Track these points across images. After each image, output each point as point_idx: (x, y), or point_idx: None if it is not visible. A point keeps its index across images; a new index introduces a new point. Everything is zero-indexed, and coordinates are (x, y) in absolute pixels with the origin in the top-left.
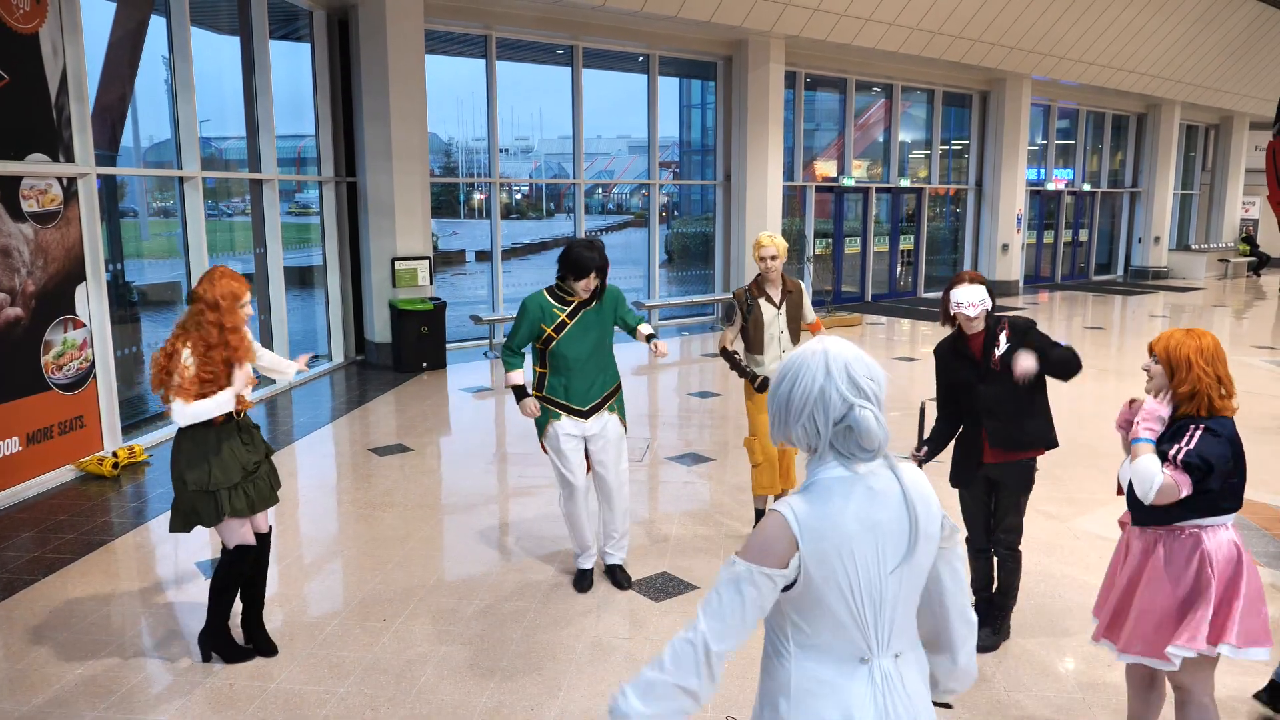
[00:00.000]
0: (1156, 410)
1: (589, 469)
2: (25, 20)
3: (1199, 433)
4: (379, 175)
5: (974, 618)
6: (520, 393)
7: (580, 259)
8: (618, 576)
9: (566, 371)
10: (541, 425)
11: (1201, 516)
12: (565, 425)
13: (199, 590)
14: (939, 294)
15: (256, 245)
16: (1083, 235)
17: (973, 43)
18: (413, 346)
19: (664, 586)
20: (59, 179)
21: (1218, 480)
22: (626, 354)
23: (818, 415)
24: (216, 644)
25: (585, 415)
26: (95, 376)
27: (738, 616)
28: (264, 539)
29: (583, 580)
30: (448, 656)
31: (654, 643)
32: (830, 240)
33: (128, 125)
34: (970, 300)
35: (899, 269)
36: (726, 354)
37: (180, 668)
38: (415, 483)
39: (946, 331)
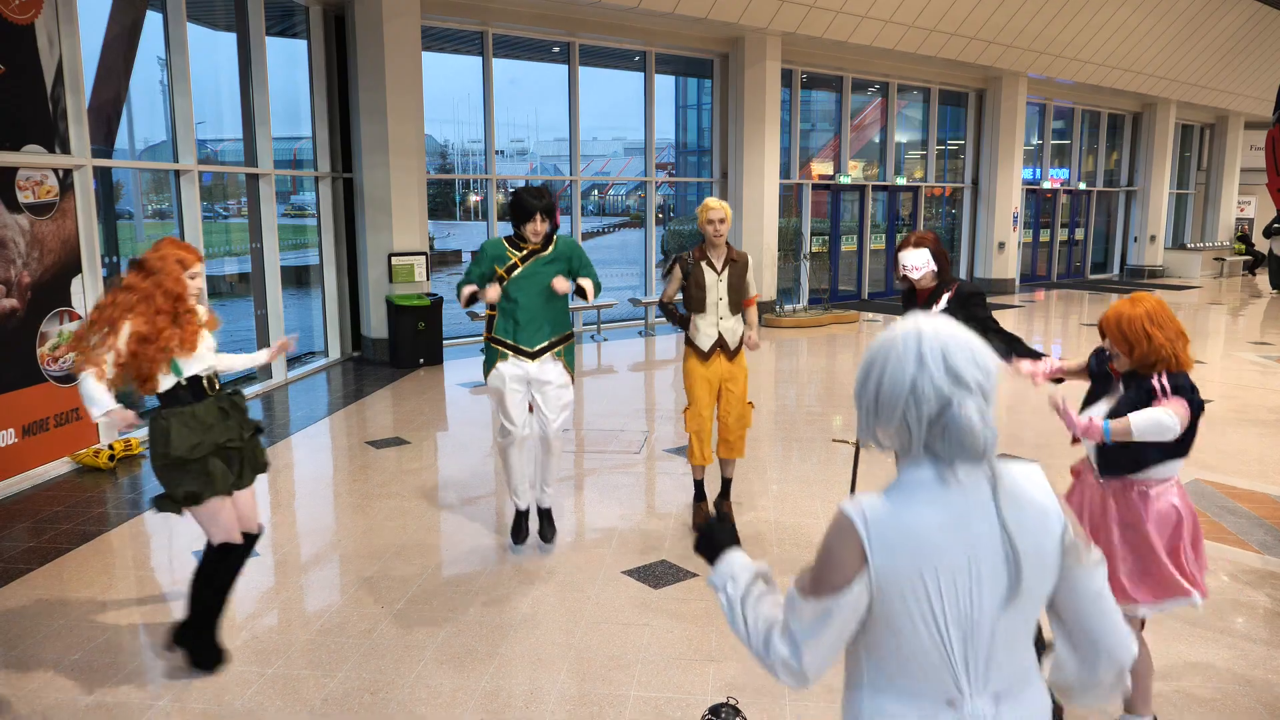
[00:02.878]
0: (1086, 418)
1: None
2: (21, 11)
3: (1164, 378)
4: (375, 171)
5: (1132, 653)
6: (473, 297)
7: (523, 203)
8: (543, 526)
9: (515, 313)
10: (489, 364)
11: (1164, 461)
12: (510, 367)
13: None
14: None
15: (253, 241)
16: (1079, 234)
17: (968, 40)
18: (409, 342)
19: (662, 574)
20: (55, 170)
21: (1185, 420)
22: (624, 351)
23: (909, 413)
24: (196, 644)
25: (532, 357)
26: None
27: (824, 651)
28: (252, 539)
29: (518, 527)
30: (446, 642)
31: (654, 628)
32: (827, 239)
33: (123, 126)
34: (913, 264)
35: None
36: (664, 306)
37: (172, 654)
38: (413, 474)
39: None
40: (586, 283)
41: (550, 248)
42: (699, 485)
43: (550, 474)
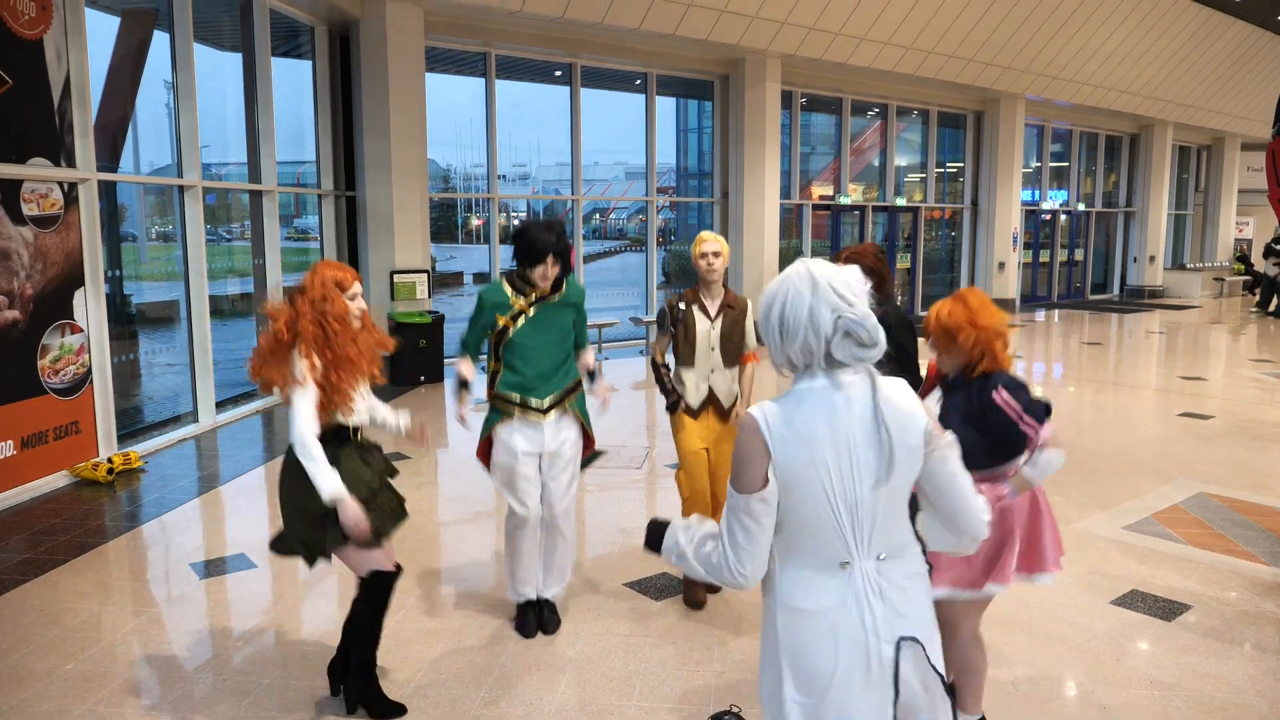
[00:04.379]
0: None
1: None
2: (30, 26)
3: (1003, 395)
4: (378, 188)
5: (986, 519)
6: (462, 385)
7: (535, 241)
8: (545, 616)
9: (523, 367)
10: (490, 425)
11: (995, 465)
12: (521, 439)
13: (191, 588)
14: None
15: (255, 257)
16: (1078, 255)
17: (966, 62)
18: (411, 359)
19: (664, 587)
20: (60, 184)
21: (1040, 409)
22: (626, 369)
23: (810, 336)
24: (366, 695)
25: (544, 412)
26: (92, 382)
27: (750, 542)
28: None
29: (526, 619)
30: (444, 656)
31: (654, 639)
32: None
33: (128, 149)
34: None
35: (897, 288)
36: (655, 367)
37: (167, 664)
38: (413, 491)
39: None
40: (591, 356)
41: (559, 292)
42: None
43: (557, 562)
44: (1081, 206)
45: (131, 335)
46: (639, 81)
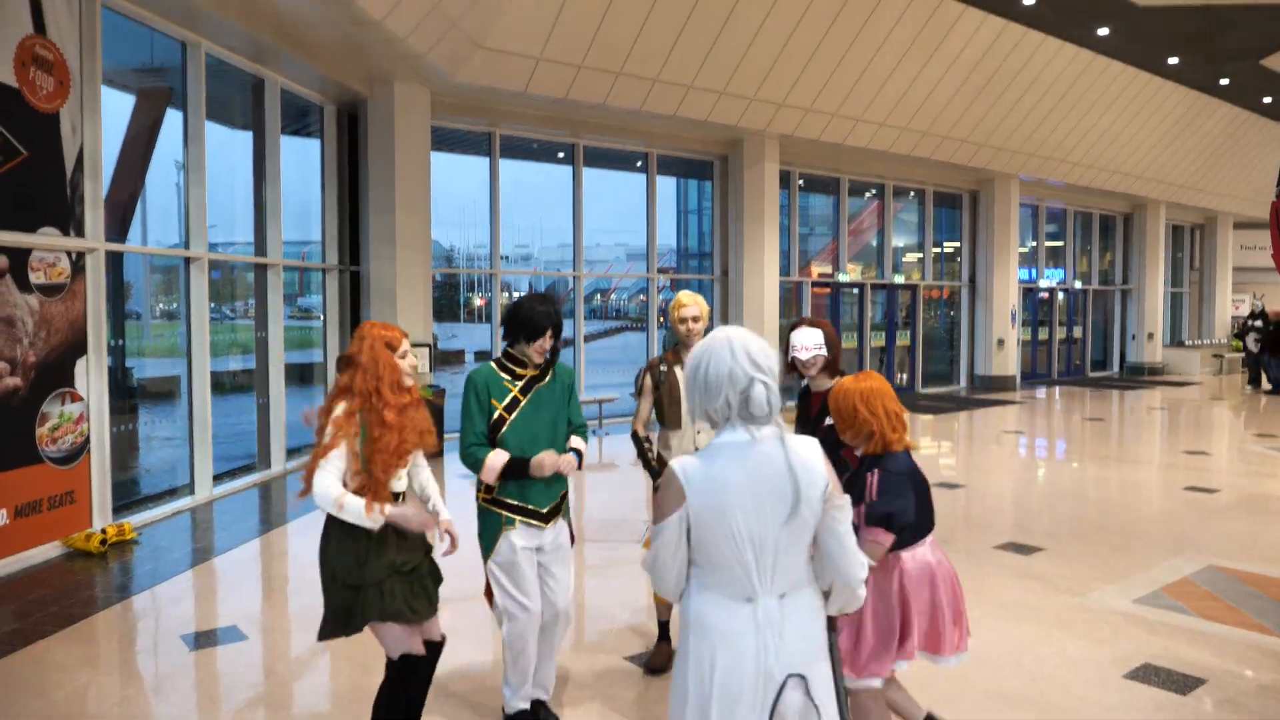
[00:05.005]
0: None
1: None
2: (48, 100)
3: (875, 479)
4: (382, 263)
5: (861, 576)
6: (512, 467)
7: (534, 315)
8: (541, 716)
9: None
10: (491, 538)
11: (899, 548)
12: (521, 537)
13: (181, 659)
14: (937, 389)
15: (258, 330)
16: (1077, 332)
17: (960, 143)
18: None
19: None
20: (68, 253)
21: (909, 515)
22: (626, 445)
23: (730, 391)
24: None
25: (546, 519)
26: (89, 451)
27: (665, 563)
28: (435, 648)
29: None
30: (453, 710)
31: (656, 715)
32: None
33: (136, 225)
34: (803, 343)
35: (896, 367)
36: (636, 439)
37: None
38: None
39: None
40: (580, 443)
41: (550, 374)
42: (663, 626)
43: (555, 645)
44: (1079, 284)
45: (131, 409)
46: (640, 163)
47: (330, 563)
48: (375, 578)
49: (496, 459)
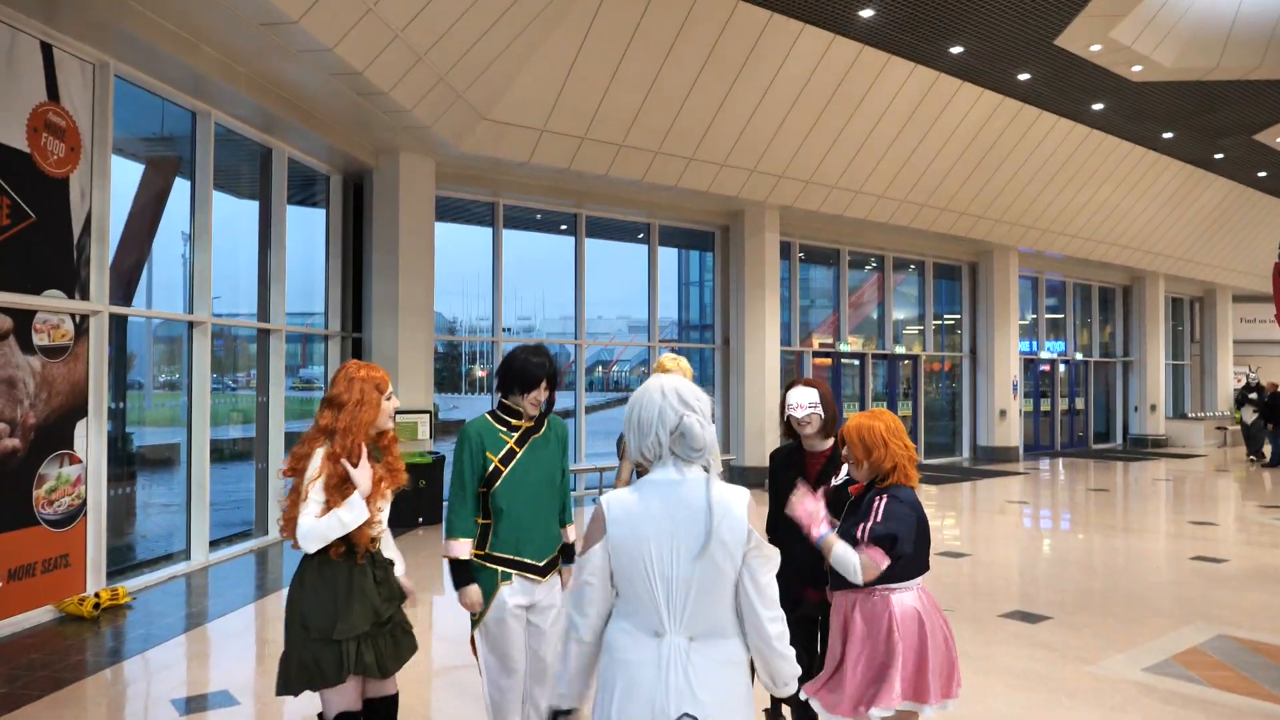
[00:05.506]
0: (818, 510)
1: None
2: (58, 166)
3: (883, 503)
4: (385, 330)
5: (774, 633)
6: (461, 573)
7: (528, 366)
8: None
9: (518, 517)
10: (488, 594)
11: (892, 582)
12: (514, 595)
13: None
14: (939, 459)
15: (259, 395)
16: (1079, 404)
17: (959, 215)
18: (409, 500)
19: None
20: (72, 315)
21: (908, 545)
22: None
23: (660, 429)
24: None
25: (542, 574)
26: (86, 514)
27: (588, 595)
28: (388, 703)
29: None
30: None
31: None
32: None
33: (141, 292)
34: (799, 400)
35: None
36: None
37: None
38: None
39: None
40: (572, 533)
41: (544, 427)
42: None
43: (544, 709)
44: (1079, 356)
45: (130, 474)
46: (642, 234)
47: (301, 610)
48: (355, 631)
49: (457, 548)
